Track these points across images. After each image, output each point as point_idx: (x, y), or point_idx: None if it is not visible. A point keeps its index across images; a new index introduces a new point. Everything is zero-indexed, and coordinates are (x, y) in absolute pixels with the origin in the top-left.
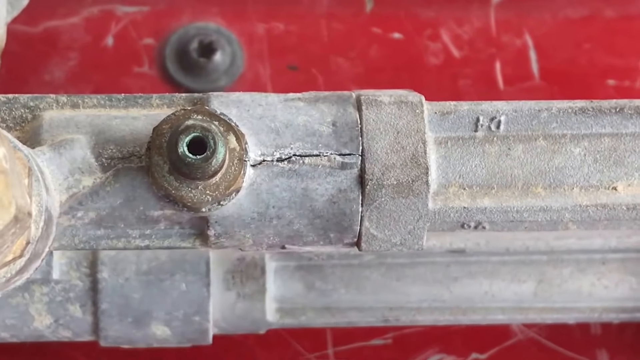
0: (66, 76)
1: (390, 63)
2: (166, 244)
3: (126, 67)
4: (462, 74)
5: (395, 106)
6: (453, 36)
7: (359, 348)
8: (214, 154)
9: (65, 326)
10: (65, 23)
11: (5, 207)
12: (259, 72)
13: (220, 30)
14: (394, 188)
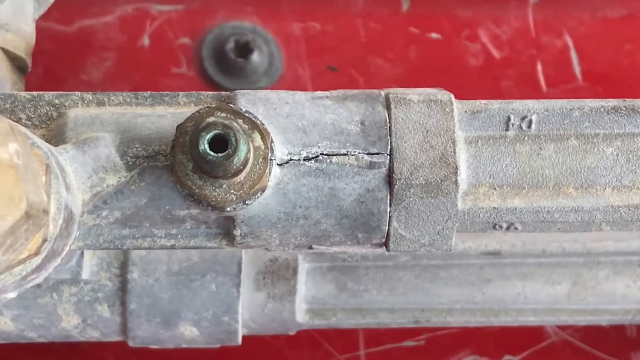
0: (104, 76)
1: (431, 64)
2: (192, 243)
3: (164, 68)
4: (503, 75)
5: (424, 105)
6: (492, 36)
7: (391, 349)
8: (235, 152)
9: (93, 326)
10: (100, 22)
11: (15, 203)
12: (298, 73)
13: (256, 29)
14: (423, 188)
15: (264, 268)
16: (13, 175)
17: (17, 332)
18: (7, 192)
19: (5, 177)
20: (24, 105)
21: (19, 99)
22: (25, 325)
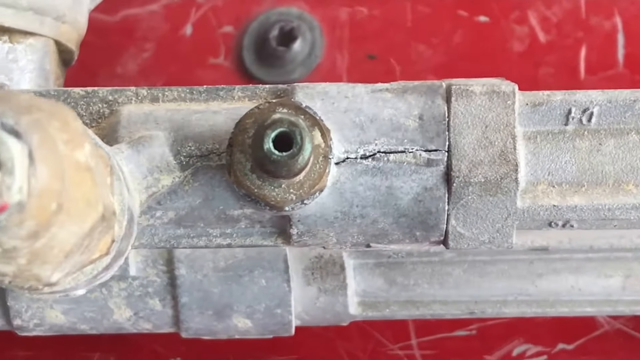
0: (139, 68)
1: (473, 50)
2: (248, 242)
3: (202, 58)
4: (544, 62)
5: (486, 97)
6: (541, 18)
7: (443, 339)
8: (300, 151)
9: (145, 319)
10: (145, 11)
11: (93, 206)
12: (336, 62)
13: (302, 15)
14: (482, 186)
15: (310, 265)
16: (90, 178)
17: (68, 324)
18: (85, 195)
19: (83, 180)
20: (76, 101)
21: (72, 95)
22: (77, 319)
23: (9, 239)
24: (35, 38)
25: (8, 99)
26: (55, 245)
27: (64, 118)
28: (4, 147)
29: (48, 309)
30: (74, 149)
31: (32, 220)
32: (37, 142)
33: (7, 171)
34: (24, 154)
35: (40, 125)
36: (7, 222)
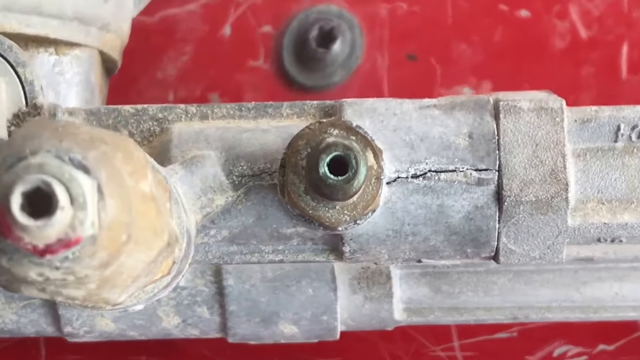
0: (178, 72)
1: (513, 48)
2: (300, 258)
3: (241, 61)
4: (586, 60)
5: (534, 114)
6: (582, 12)
7: (484, 341)
8: (355, 175)
9: (193, 325)
10: (183, 11)
11: (159, 235)
12: (376, 63)
13: (342, 13)
14: (533, 205)
15: (357, 275)
16: (154, 207)
17: (118, 331)
18: (151, 225)
19: (149, 209)
20: (127, 120)
21: (122, 113)
22: (127, 326)
23: (82, 269)
24: (80, 49)
25: (72, 133)
26: (123, 272)
27: (127, 149)
28: (75, 183)
29: (98, 318)
30: (139, 180)
31: (103, 251)
32: (105, 176)
33: (79, 206)
34: (93, 188)
35: (106, 159)
36: (80, 253)
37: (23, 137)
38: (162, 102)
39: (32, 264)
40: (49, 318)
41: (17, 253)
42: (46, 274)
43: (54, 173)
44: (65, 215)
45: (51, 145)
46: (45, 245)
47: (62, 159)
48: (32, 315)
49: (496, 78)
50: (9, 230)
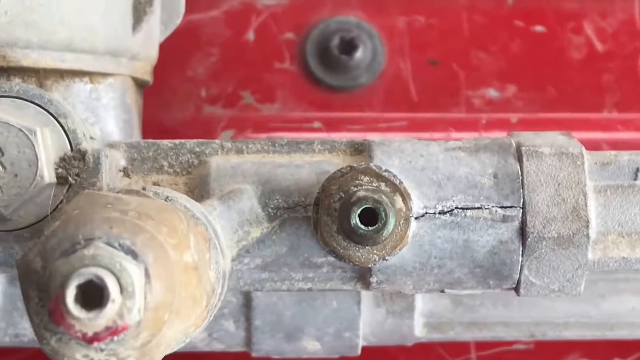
0: (208, 72)
1: (533, 57)
2: (328, 286)
3: (268, 63)
4: (605, 69)
5: (556, 158)
6: (596, 29)
7: (502, 353)
8: (385, 225)
9: (219, 340)
10: (207, 16)
11: (198, 302)
12: (399, 67)
13: (360, 24)
14: (555, 240)
15: None
16: (196, 276)
17: None
18: (192, 294)
19: (191, 279)
20: (166, 153)
21: (161, 147)
22: None
23: (124, 350)
24: (114, 77)
25: (122, 210)
26: (162, 343)
27: (171, 223)
28: (125, 273)
29: None
30: (183, 252)
31: (146, 332)
32: (152, 259)
33: (128, 295)
34: (141, 274)
35: (153, 240)
36: (124, 337)
37: (77, 221)
38: (195, 99)
39: (80, 346)
40: None
41: (66, 336)
42: (91, 356)
43: (105, 264)
44: (115, 306)
45: (102, 232)
46: (94, 333)
47: (113, 245)
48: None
49: (520, 82)
50: (62, 318)
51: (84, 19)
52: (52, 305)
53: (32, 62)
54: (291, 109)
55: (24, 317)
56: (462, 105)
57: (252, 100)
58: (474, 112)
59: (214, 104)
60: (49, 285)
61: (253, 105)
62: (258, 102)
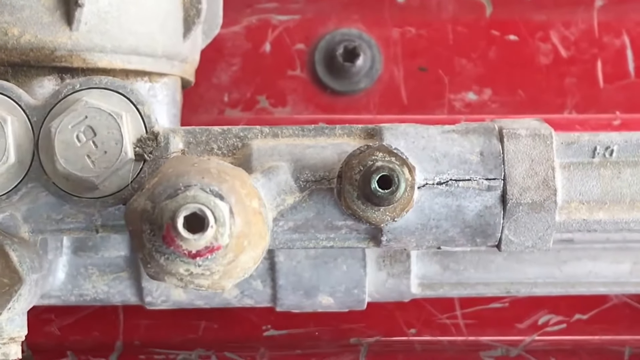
0: (230, 79)
1: (507, 63)
2: (347, 244)
3: (281, 71)
4: (568, 73)
5: (530, 138)
6: (561, 37)
7: (482, 310)
8: (398, 188)
9: (249, 296)
10: (229, 31)
11: (263, 237)
12: (394, 73)
13: (361, 35)
14: (529, 206)
15: (382, 253)
16: (261, 218)
17: (187, 301)
18: (258, 231)
19: (257, 220)
20: (216, 137)
21: (212, 132)
22: (195, 296)
23: (215, 266)
24: (168, 77)
25: (206, 168)
26: (238, 266)
27: (242, 178)
28: (217, 208)
29: (173, 289)
30: (252, 200)
31: (231, 253)
32: (234, 200)
33: (221, 224)
34: (227, 210)
35: (233, 188)
36: (216, 255)
37: (175, 174)
38: (218, 103)
39: (183, 262)
40: (134, 289)
41: (173, 255)
42: (191, 270)
43: (203, 201)
44: (212, 230)
45: (197, 181)
46: (197, 251)
47: (206, 190)
48: (120, 286)
49: (495, 86)
50: (172, 240)
51: (146, 28)
52: (164, 232)
53: (106, 63)
54: (300, 111)
55: (86, 280)
56: (444, 108)
57: (267, 104)
58: (454, 114)
59: (234, 108)
60: (159, 219)
61: (267, 108)
62: (272, 105)
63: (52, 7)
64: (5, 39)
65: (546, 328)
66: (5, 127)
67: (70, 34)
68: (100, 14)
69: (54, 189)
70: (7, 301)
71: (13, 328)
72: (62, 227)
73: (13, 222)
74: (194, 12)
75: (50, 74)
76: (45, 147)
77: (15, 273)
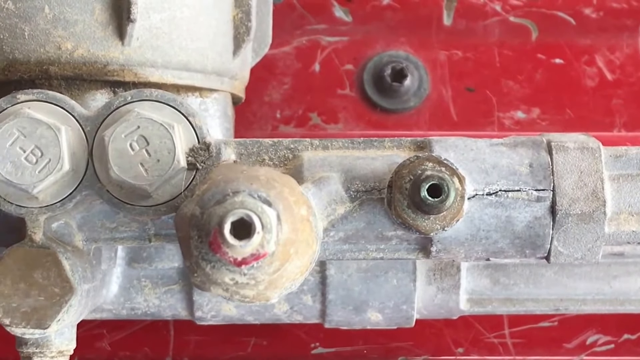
0: (282, 97)
1: (553, 84)
2: (396, 255)
3: (331, 89)
4: (615, 95)
5: (579, 151)
6: (606, 61)
7: (531, 329)
8: (447, 197)
9: (298, 312)
10: (280, 52)
11: (310, 246)
12: (442, 93)
13: (408, 57)
14: (578, 217)
15: (433, 266)
16: (309, 225)
17: (238, 316)
18: (306, 239)
19: (305, 227)
20: (267, 149)
21: (263, 144)
22: (245, 311)
23: (260, 275)
24: (218, 93)
25: (255, 175)
26: (284, 276)
27: (291, 186)
28: (265, 214)
29: (224, 304)
30: (300, 207)
31: (277, 261)
32: (282, 207)
33: (268, 230)
34: (274, 217)
35: (281, 194)
36: (262, 263)
37: (224, 181)
38: (271, 119)
39: (228, 271)
40: (185, 303)
41: (219, 262)
42: (236, 279)
43: (251, 207)
44: (258, 237)
45: (245, 187)
46: (242, 258)
47: (254, 196)
48: (171, 300)
49: (543, 106)
50: (219, 247)
51: (197, 45)
52: (211, 238)
53: (157, 78)
54: (351, 128)
55: (139, 293)
56: (494, 125)
57: (319, 120)
58: (505, 131)
59: (287, 124)
60: (207, 224)
61: (320, 125)
62: (324, 122)
63: (104, 22)
64: (58, 53)
65: (594, 348)
66: (60, 136)
67: (122, 48)
68: (152, 29)
69: (107, 197)
70: (56, 312)
71: (62, 341)
72: (116, 236)
73: (67, 230)
74: (244, 29)
75: (102, 87)
76: (99, 156)
77: (67, 282)
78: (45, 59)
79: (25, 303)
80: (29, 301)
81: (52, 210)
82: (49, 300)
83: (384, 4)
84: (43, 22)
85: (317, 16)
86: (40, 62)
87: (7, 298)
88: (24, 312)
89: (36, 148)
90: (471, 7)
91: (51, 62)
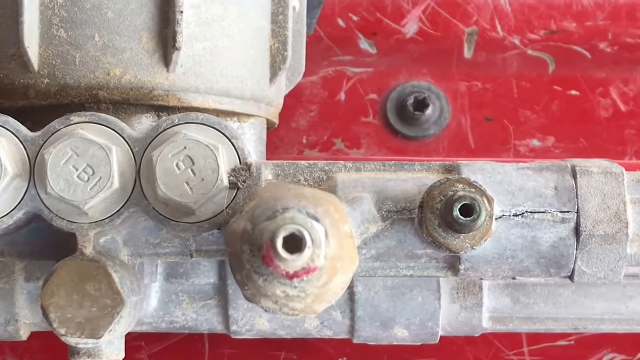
0: (308, 124)
1: (569, 115)
2: (425, 273)
3: (355, 117)
4: (627, 125)
5: (602, 175)
6: (620, 93)
7: (548, 347)
8: (478, 217)
9: (328, 327)
10: (307, 81)
11: (354, 261)
12: (461, 122)
13: (430, 87)
14: (602, 237)
15: (456, 285)
16: (352, 242)
17: (270, 330)
18: (349, 254)
19: (348, 243)
20: (302, 170)
21: (299, 166)
22: (278, 326)
23: (310, 288)
24: (255, 118)
25: (301, 193)
26: (330, 289)
27: (334, 204)
28: (314, 230)
29: (258, 318)
30: (344, 224)
31: (326, 275)
32: (329, 223)
33: (317, 245)
34: (323, 232)
35: (327, 211)
36: (312, 277)
37: (273, 198)
38: (297, 144)
39: (280, 283)
40: (220, 317)
41: (271, 276)
42: (287, 291)
43: (301, 223)
44: (309, 251)
45: (294, 204)
46: (294, 271)
47: (303, 213)
48: (208, 314)
49: (558, 134)
50: (271, 260)
51: (237, 72)
52: (264, 252)
53: (200, 103)
54: (373, 153)
55: (177, 307)
56: (510, 152)
57: (342, 146)
58: (520, 158)
59: (312, 149)
60: (258, 239)
61: (343, 149)
62: (347, 147)
63: (151, 49)
64: (107, 78)
65: None
66: (111, 156)
67: (167, 75)
68: (195, 57)
69: (153, 214)
70: (109, 323)
71: (112, 351)
72: (159, 251)
73: (114, 245)
74: (280, 58)
75: (147, 111)
76: (146, 174)
77: (118, 294)
78: (94, 84)
79: (79, 314)
80: (82, 312)
81: (101, 225)
82: (101, 311)
83: (408, 37)
84: (93, 49)
85: (343, 48)
86: (90, 87)
87: (62, 309)
88: (78, 322)
89: (88, 167)
90: (491, 41)
91: (100, 87)
